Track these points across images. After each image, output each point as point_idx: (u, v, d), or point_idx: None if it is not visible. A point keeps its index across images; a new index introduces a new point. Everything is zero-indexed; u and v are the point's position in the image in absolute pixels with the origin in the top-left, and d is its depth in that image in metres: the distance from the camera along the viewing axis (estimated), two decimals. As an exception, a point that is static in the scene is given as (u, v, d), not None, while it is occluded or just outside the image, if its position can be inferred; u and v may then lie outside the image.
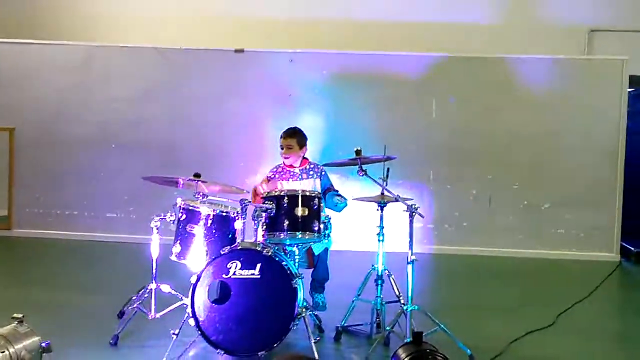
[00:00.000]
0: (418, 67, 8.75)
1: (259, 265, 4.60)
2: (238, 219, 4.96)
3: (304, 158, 5.82)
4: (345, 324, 5.25)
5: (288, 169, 5.76)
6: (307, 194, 5.03)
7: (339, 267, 6.04)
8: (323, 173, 5.78)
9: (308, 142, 5.88)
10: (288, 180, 5.72)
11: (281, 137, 5.79)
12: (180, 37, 9.43)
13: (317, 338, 5.03)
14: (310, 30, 9.73)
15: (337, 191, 5.67)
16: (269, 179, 5.77)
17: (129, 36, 9.64)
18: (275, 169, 5.84)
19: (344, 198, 5.55)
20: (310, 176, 5.72)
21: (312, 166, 5.79)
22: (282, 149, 5.76)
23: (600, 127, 8.64)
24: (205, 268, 4.62)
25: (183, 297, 5.03)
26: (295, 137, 5.76)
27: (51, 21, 10.08)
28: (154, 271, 5.05)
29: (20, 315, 3.75)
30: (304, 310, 4.71)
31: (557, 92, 8.70)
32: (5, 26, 9.87)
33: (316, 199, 5.04)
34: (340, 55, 8.90)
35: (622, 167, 8.62)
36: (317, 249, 5.50)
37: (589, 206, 8.64)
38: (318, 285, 5.63)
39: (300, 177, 5.73)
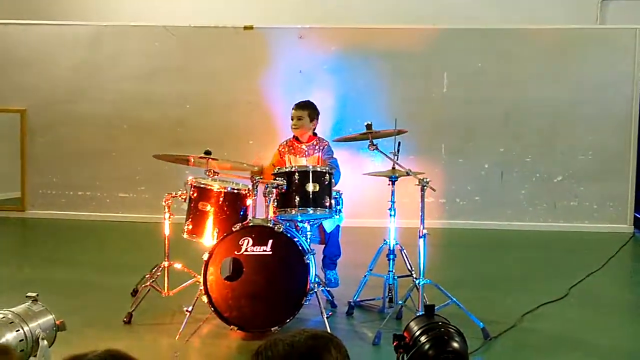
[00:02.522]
0: (429, 40, 8.66)
1: (270, 242, 4.62)
2: (249, 196, 4.97)
3: (313, 134, 5.79)
4: (358, 299, 5.27)
5: (297, 144, 5.74)
6: (318, 169, 5.02)
7: (350, 242, 6.04)
8: (324, 148, 5.74)
9: (320, 118, 5.86)
10: (297, 156, 5.71)
11: (293, 108, 5.78)
12: (189, 15, 9.39)
13: (330, 313, 5.05)
14: (319, 5, 9.63)
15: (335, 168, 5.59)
16: (281, 154, 5.75)
17: (138, 15, 9.59)
18: (284, 144, 5.82)
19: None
20: (317, 151, 5.71)
21: (318, 141, 5.77)
22: (292, 120, 5.75)
23: (613, 98, 8.53)
24: (217, 245, 4.64)
25: (196, 275, 5.06)
26: (306, 109, 5.73)
27: (60, 1, 10.04)
28: (166, 249, 5.08)
29: (34, 294, 3.79)
30: (316, 285, 4.72)
31: (569, 63, 8.59)
32: (15, 7, 9.84)
33: (327, 175, 5.03)
34: (349, 30, 8.83)
35: (636, 138, 8.53)
36: (328, 226, 5.49)
37: (602, 178, 8.56)
38: (329, 262, 5.62)
39: (307, 152, 5.72)
